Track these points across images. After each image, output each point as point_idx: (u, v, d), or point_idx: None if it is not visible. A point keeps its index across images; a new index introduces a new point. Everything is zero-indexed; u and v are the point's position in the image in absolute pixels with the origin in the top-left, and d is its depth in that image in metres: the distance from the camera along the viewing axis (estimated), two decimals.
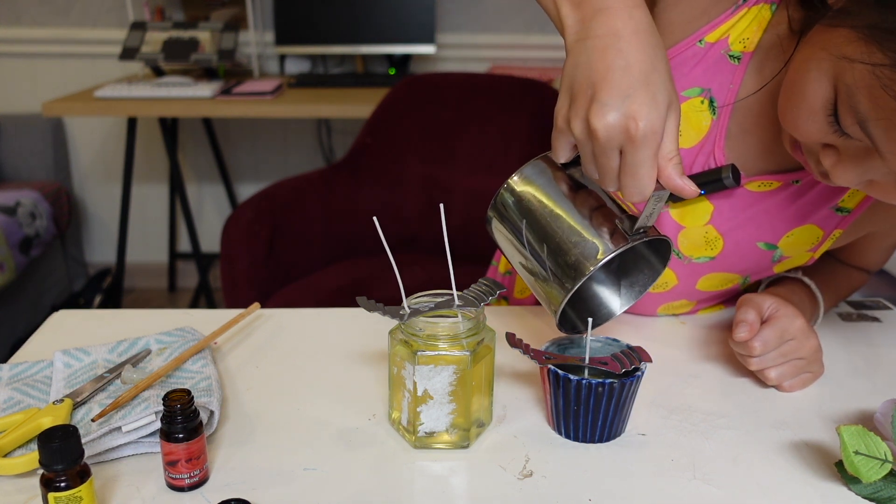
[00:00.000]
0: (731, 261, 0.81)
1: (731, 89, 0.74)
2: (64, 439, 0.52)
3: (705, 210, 0.79)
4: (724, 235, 0.79)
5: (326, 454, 0.63)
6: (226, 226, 1.74)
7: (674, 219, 0.81)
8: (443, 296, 0.66)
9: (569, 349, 0.70)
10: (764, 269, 0.83)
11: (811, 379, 0.75)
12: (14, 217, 2.31)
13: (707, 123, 0.75)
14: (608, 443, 0.66)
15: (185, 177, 2.93)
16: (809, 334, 0.74)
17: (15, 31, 2.74)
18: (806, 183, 0.76)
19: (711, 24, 0.73)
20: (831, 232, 0.78)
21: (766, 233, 0.78)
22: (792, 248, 0.80)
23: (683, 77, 0.75)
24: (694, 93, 0.75)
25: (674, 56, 0.74)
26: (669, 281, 0.85)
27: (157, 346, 0.76)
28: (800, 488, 0.60)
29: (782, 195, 0.77)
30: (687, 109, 0.75)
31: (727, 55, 0.74)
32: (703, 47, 0.74)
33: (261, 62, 2.75)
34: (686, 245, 0.82)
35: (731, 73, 0.74)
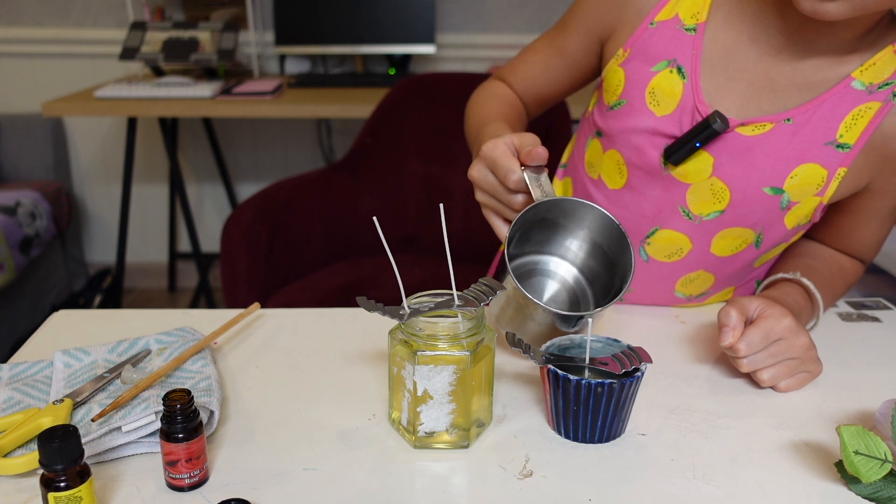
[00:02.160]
0: (740, 212, 0.82)
1: (695, 55, 0.82)
2: (64, 439, 0.52)
3: (706, 163, 0.82)
4: (730, 185, 0.81)
5: (326, 454, 0.63)
6: (226, 226, 1.74)
7: (678, 179, 0.84)
8: (443, 296, 0.66)
9: (569, 349, 0.70)
10: (774, 219, 0.83)
11: (808, 378, 0.75)
12: (14, 217, 2.31)
13: (679, 88, 0.82)
14: (608, 443, 0.66)
15: (185, 177, 2.93)
16: (798, 333, 0.73)
17: (15, 31, 2.74)
18: (798, 121, 0.79)
19: (657, 7, 0.85)
20: (835, 171, 0.79)
21: (769, 176, 0.80)
22: (798, 191, 0.80)
23: (648, 56, 0.84)
24: (662, 66, 0.84)
25: (633, 44, 0.85)
26: (683, 247, 0.87)
27: (157, 346, 0.76)
28: (800, 488, 0.60)
29: (778, 135, 0.79)
30: (660, 81, 0.83)
31: (682, 29, 0.83)
32: (656, 27, 0.84)
33: (261, 62, 2.75)
34: (694, 202, 0.84)
35: (691, 42, 0.83)
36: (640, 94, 0.85)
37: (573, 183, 0.99)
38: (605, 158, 0.90)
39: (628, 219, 0.89)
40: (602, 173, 0.91)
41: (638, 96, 0.85)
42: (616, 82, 0.87)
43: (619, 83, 0.87)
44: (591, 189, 0.93)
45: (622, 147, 0.87)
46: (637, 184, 0.88)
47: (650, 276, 0.91)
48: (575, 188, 0.98)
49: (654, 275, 0.91)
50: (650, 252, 0.90)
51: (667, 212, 0.87)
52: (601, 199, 0.92)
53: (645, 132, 0.85)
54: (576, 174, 0.98)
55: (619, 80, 0.87)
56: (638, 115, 0.85)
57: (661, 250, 0.89)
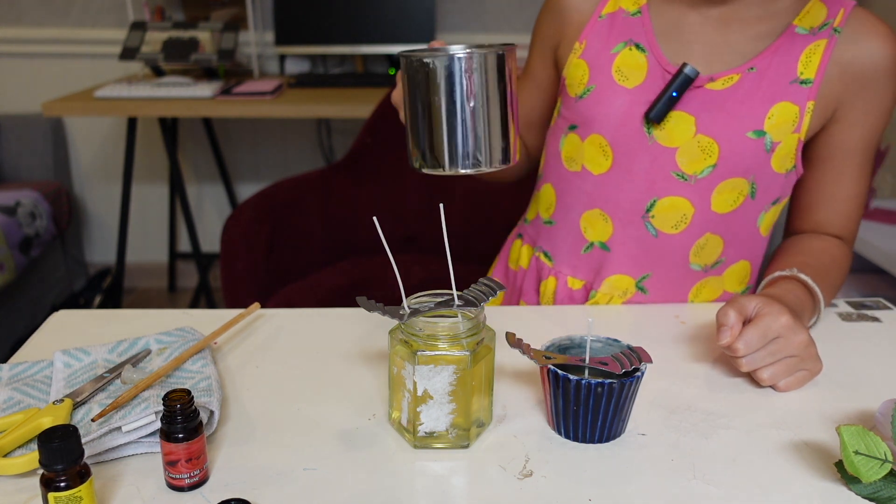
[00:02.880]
0: (731, 162, 0.87)
1: (647, 30, 0.90)
2: (64, 439, 0.52)
3: (689, 123, 0.87)
4: (715, 137, 0.86)
5: (326, 454, 0.64)
6: (226, 226, 1.74)
7: (664, 145, 0.88)
8: (443, 296, 0.66)
9: (569, 349, 0.70)
10: (763, 164, 0.87)
11: (808, 377, 0.75)
12: (14, 217, 2.31)
13: (643, 60, 0.89)
14: (608, 443, 0.66)
15: (185, 177, 2.93)
16: (797, 330, 0.73)
17: (15, 31, 2.74)
18: (761, 67, 0.86)
19: (602, 2, 0.93)
20: (805, 105, 0.85)
21: (748, 121, 0.85)
22: (778, 131, 0.86)
23: (605, 44, 0.91)
24: (620, 47, 0.91)
25: (588, 35, 0.93)
26: (686, 212, 0.90)
27: (157, 346, 0.76)
28: (800, 488, 0.60)
29: (746, 84, 0.86)
30: (623, 59, 0.90)
31: (627, 16, 0.92)
32: (604, 18, 0.92)
33: (261, 62, 2.75)
34: (685, 163, 0.88)
35: (640, 22, 0.91)
36: (606, 75, 0.90)
37: (555, 186, 1.00)
38: (587, 146, 0.92)
39: (620, 198, 0.92)
40: (585, 162, 0.93)
41: (605, 78, 0.90)
42: (580, 73, 0.92)
43: (584, 72, 0.92)
44: (576, 182, 0.95)
45: (602, 128, 0.90)
46: (624, 160, 0.90)
47: (664, 252, 0.93)
48: (558, 191, 0.99)
49: (666, 249, 0.93)
50: (657, 225, 0.91)
51: (661, 180, 0.89)
52: (589, 188, 0.94)
53: (622, 107, 0.89)
54: (555, 175, 0.99)
55: (583, 69, 0.92)
56: (610, 95, 0.90)
57: (667, 220, 0.91)
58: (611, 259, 0.95)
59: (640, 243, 0.93)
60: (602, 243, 0.95)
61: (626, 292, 0.96)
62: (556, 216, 0.99)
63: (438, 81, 0.70)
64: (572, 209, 0.97)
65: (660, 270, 0.94)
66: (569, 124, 0.95)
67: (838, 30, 0.85)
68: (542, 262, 1.02)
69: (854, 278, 2.06)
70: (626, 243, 0.94)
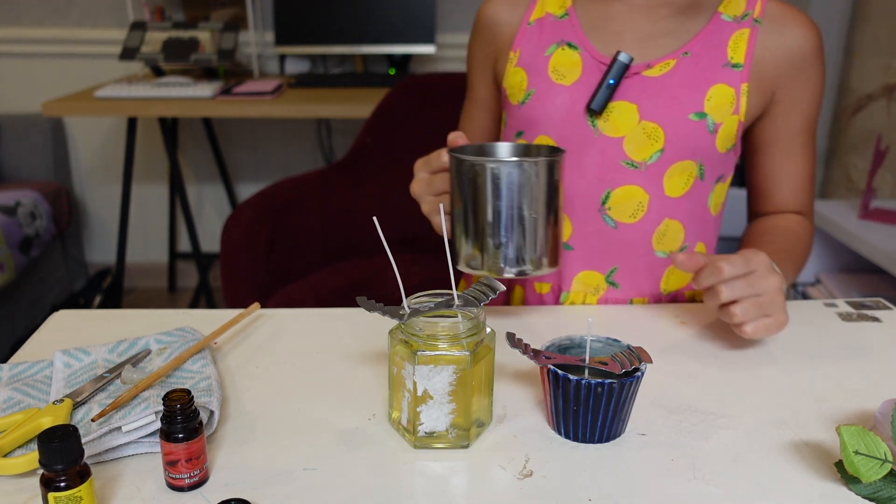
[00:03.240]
0: (677, 145, 0.89)
1: (577, 29, 0.93)
2: (64, 439, 0.52)
3: (631, 111, 0.89)
4: (659, 122, 0.89)
5: (326, 454, 0.64)
6: (226, 226, 1.74)
7: (611, 136, 0.90)
8: (443, 296, 0.66)
9: (569, 349, 0.70)
10: (708, 145, 0.90)
11: (773, 325, 0.76)
12: (14, 217, 2.31)
13: (577, 57, 0.92)
14: (608, 443, 0.66)
15: (185, 177, 2.93)
16: (774, 272, 0.77)
17: (15, 31, 2.74)
18: (695, 52, 0.89)
19: (528, 10, 0.96)
20: (739, 87, 0.89)
21: (689, 104, 0.88)
22: (718, 112, 0.89)
23: (538, 48, 0.94)
24: (553, 48, 0.93)
25: (520, 43, 0.95)
26: (641, 199, 0.92)
27: (157, 346, 0.77)
28: (800, 488, 0.60)
29: (683, 68, 0.89)
30: (557, 59, 0.92)
31: (555, 19, 0.94)
32: (533, 25, 0.95)
33: (261, 62, 2.75)
34: (633, 150, 0.90)
35: (569, 23, 0.94)
36: (544, 77, 0.92)
37: None
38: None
39: (574, 195, 0.93)
40: None
41: (543, 80, 0.92)
42: (519, 80, 0.95)
43: (522, 78, 0.94)
44: None
45: (548, 128, 0.92)
46: (573, 157, 0.92)
47: (626, 242, 0.94)
48: None
49: (628, 239, 0.94)
50: (614, 216, 0.93)
51: (612, 171, 0.91)
52: None
53: (563, 104, 0.91)
54: None
55: (521, 76, 0.94)
56: (550, 94, 0.92)
57: (624, 211, 0.93)
58: (575, 257, 0.96)
59: (601, 237, 0.94)
60: (564, 243, 0.96)
61: (598, 289, 0.97)
62: None
63: (500, 187, 0.73)
64: None
65: (626, 262, 0.95)
66: (515, 132, 0.97)
67: (758, 20, 0.90)
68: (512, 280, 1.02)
69: (854, 278, 2.06)
70: (587, 239, 0.95)
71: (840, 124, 2.62)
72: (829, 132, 2.68)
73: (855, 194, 2.50)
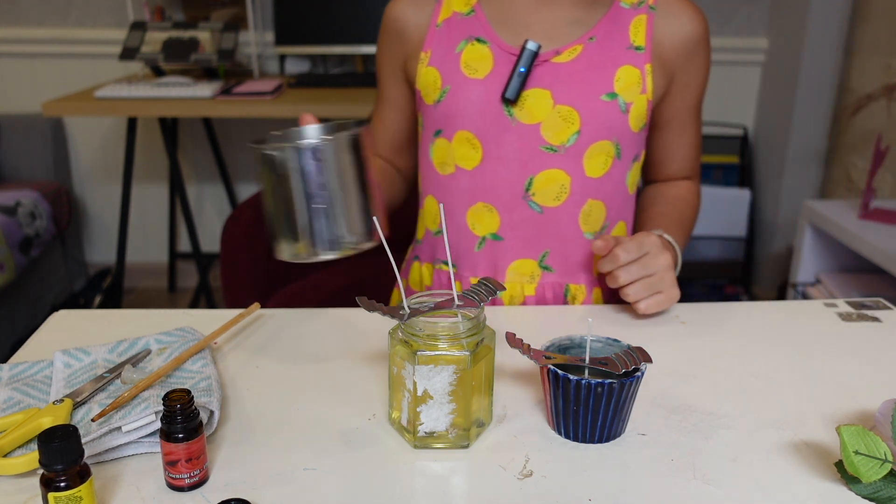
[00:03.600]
0: (593, 126, 0.92)
1: (483, 24, 0.95)
2: (64, 439, 0.52)
3: (545, 97, 0.92)
4: (573, 104, 0.92)
5: (326, 454, 0.64)
6: (226, 226, 1.74)
7: (528, 123, 0.92)
8: (443, 296, 0.66)
9: (569, 349, 0.70)
10: (623, 124, 0.93)
11: (664, 301, 0.87)
12: (14, 217, 2.31)
13: (487, 51, 0.94)
14: (608, 443, 0.66)
15: (185, 177, 2.93)
16: (663, 251, 0.86)
17: (15, 31, 2.74)
18: (600, 37, 0.93)
19: (435, 13, 0.98)
20: (644, 67, 0.93)
21: (599, 85, 0.92)
22: (627, 92, 0.92)
23: (448, 47, 0.95)
24: (463, 45, 0.95)
25: (430, 44, 0.97)
26: (564, 182, 0.94)
27: (157, 346, 0.77)
28: (800, 488, 0.60)
29: (590, 53, 0.92)
30: (468, 54, 0.94)
31: (462, 17, 0.96)
32: (441, 26, 0.97)
33: (261, 62, 2.75)
34: (551, 134, 0.92)
35: (476, 19, 0.95)
36: (457, 74, 0.94)
37: (435, 195, 1.02)
38: (455, 146, 0.96)
39: (498, 185, 0.95)
40: (457, 161, 0.96)
41: (457, 76, 0.94)
42: (432, 79, 0.96)
43: (436, 77, 0.96)
44: (453, 183, 0.98)
45: (466, 123, 0.94)
46: (493, 148, 0.94)
47: (554, 226, 0.96)
48: (439, 199, 1.01)
49: (555, 222, 0.96)
50: (539, 201, 0.95)
51: (532, 157, 0.93)
52: (466, 185, 0.97)
53: (479, 97, 0.93)
54: (433, 185, 1.01)
55: (434, 75, 0.96)
56: (466, 89, 0.93)
57: (548, 195, 0.95)
58: (506, 247, 0.97)
59: (530, 223, 0.96)
60: (493, 234, 0.97)
61: (533, 276, 0.98)
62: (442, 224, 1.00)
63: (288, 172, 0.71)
64: (456, 211, 0.98)
65: (556, 245, 0.97)
66: (434, 131, 0.98)
67: (653, 7, 0.95)
68: (444, 273, 1.03)
69: (854, 278, 2.06)
70: (515, 228, 0.96)
71: (840, 124, 2.62)
72: (829, 132, 2.68)
73: (855, 194, 2.50)
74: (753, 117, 2.90)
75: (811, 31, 2.53)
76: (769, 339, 0.85)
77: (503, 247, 0.97)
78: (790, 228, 2.70)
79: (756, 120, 2.89)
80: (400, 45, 1.01)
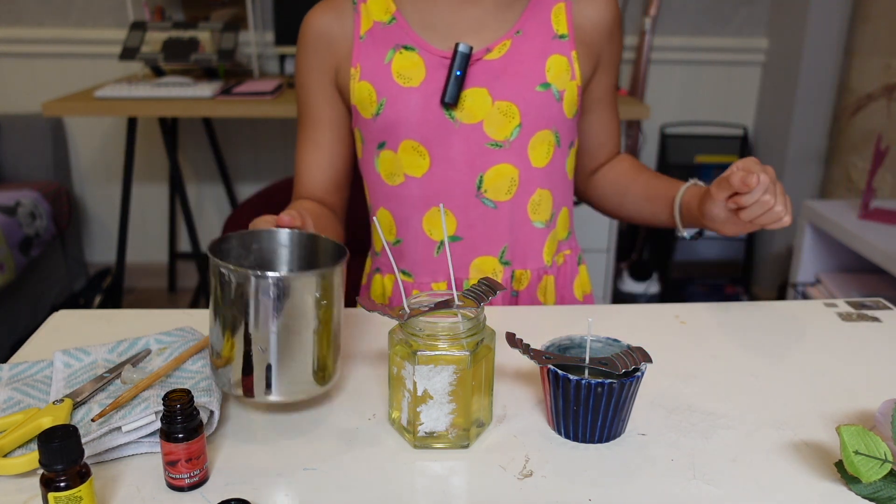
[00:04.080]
0: (532, 118, 0.94)
1: (407, 31, 0.94)
2: (64, 439, 0.52)
3: (483, 95, 0.92)
4: (511, 99, 0.92)
5: (326, 454, 0.64)
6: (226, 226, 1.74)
7: (470, 123, 0.93)
8: (443, 296, 0.66)
9: (569, 349, 0.70)
10: (558, 112, 0.95)
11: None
12: (14, 217, 2.31)
13: (417, 58, 0.93)
14: (608, 443, 0.66)
15: (185, 177, 2.93)
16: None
17: (15, 31, 2.74)
18: (525, 29, 0.94)
19: (356, 25, 0.95)
20: (570, 55, 0.95)
21: (532, 77, 0.93)
22: (559, 80, 0.94)
23: (377, 59, 0.94)
24: (391, 55, 0.93)
25: (358, 58, 0.94)
26: (513, 175, 0.95)
27: (157, 346, 0.77)
28: (800, 488, 0.60)
29: (519, 47, 0.93)
30: (397, 63, 0.93)
31: (384, 26, 0.95)
32: (365, 39, 0.95)
33: (261, 62, 2.75)
34: (494, 130, 0.93)
35: (397, 27, 0.94)
36: (391, 85, 0.93)
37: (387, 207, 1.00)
38: (400, 155, 0.95)
39: (451, 188, 0.95)
40: (405, 170, 0.96)
41: (390, 88, 0.93)
42: (366, 93, 0.94)
43: (370, 91, 0.94)
44: (404, 193, 0.97)
45: (409, 132, 0.93)
46: (440, 152, 0.94)
47: (507, 219, 0.97)
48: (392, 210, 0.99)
49: (508, 215, 0.97)
50: (492, 197, 0.96)
51: (479, 155, 0.94)
52: (418, 193, 0.96)
53: (417, 105, 0.92)
54: (383, 198, 1.00)
55: (368, 89, 0.94)
56: (402, 99, 0.93)
57: (499, 190, 0.96)
58: (465, 247, 0.98)
59: (485, 220, 0.96)
60: (451, 236, 0.97)
61: (496, 272, 0.99)
62: (399, 233, 1.00)
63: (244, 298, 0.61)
64: (411, 219, 0.98)
65: (511, 239, 0.98)
66: (376, 144, 0.97)
67: None
68: (403, 283, 1.02)
69: (854, 278, 2.06)
70: (472, 226, 0.97)
71: (840, 124, 2.62)
72: (830, 132, 2.68)
73: (855, 194, 2.50)
74: (753, 117, 2.90)
75: (811, 31, 2.53)
76: (769, 339, 0.85)
77: (462, 246, 0.97)
78: (790, 228, 2.70)
79: (756, 120, 2.89)
80: (329, 58, 0.96)
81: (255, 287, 0.61)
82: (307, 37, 0.97)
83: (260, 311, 0.61)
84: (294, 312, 0.62)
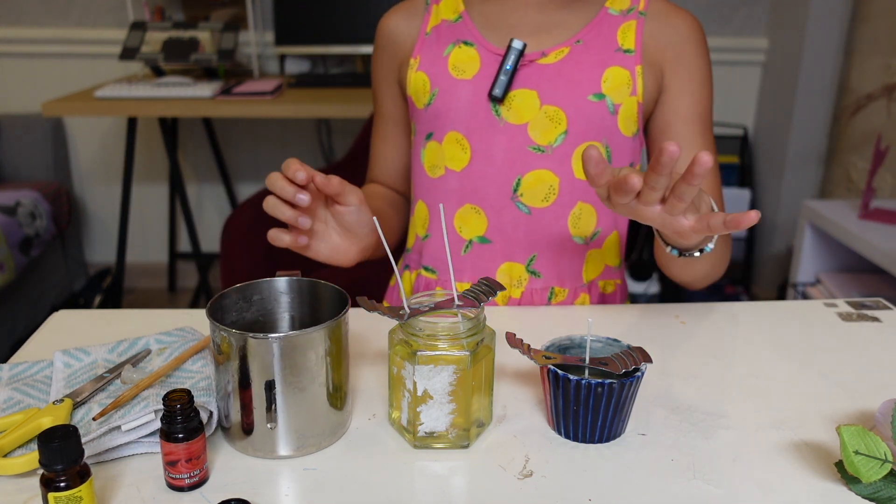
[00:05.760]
0: (580, 127, 0.92)
1: (471, 28, 0.96)
2: (64, 439, 0.52)
3: (532, 97, 0.92)
4: (560, 105, 0.91)
5: (326, 454, 0.63)
6: (226, 226, 1.74)
7: (515, 123, 0.92)
8: (443, 296, 0.66)
9: (569, 349, 0.70)
10: (611, 125, 0.92)
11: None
12: (14, 217, 2.31)
13: (474, 52, 0.94)
14: (608, 443, 0.66)
15: (185, 177, 2.93)
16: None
17: (15, 31, 2.74)
18: (587, 40, 0.93)
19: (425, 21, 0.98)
20: (634, 69, 0.92)
21: (587, 86, 0.91)
22: (616, 93, 0.91)
23: (437, 51, 0.96)
24: (451, 48, 0.95)
25: (420, 51, 0.97)
26: (552, 183, 0.94)
27: (157, 346, 0.77)
28: (800, 488, 0.60)
29: (577, 55, 0.92)
30: (456, 56, 0.95)
31: (450, 23, 0.97)
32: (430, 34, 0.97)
33: (261, 62, 2.75)
34: (538, 135, 0.93)
35: (463, 25, 0.96)
36: (446, 76, 0.95)
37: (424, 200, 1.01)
38: (445, 147, 0.96)
39: (488, 185, 0.95)
40: (446, 163, 0.96)
41: (445, 78, 0.95)
42: (421, 83, 0.96)
43: (425, 82, 0.96)
44: (442, 186, 0.97)
45: (455, 124, 0.94)
46: (481, 147, 0.94)
47: (542, 228, 0.95)
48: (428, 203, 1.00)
49: (543, 224, 0.95)
50: (527, 202, 0.95)
51: (520, 157, 0.93)
52: (455, 186, 0.96)
53: (467, 97, 0.93)
54: (423, 190, 1.01)
55: (423, 79, 0.96)
56: (454, 91, 0.94)
57: (536, 195, 0.94)
58: (493, 250, 0.97)
59: (517, 225, 0.95)
60: (481, 237, 0.97)
61: (521, 280, 0.97)
62: (430, 228, 1.00)
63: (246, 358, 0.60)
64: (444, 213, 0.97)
65: (544, 249, 0.96)
66: (425, 135, 0.98)
67: (644, 13, 0.94)
68: (425, 278, 1.02)
69: (854, 278, 2.06)
70: (503, 230, 0.96)
71: (840, 124, 2.62)
72: (830, 132, 2.68)
73: (855, 194, 2.50)
74: (753, 117, 2.90)
75: (811, 31, 2.53)
76: (769, 339, 0.85)
77: (492, 249, 0.97)
78: (790, 228, 2.70)
79: (756, 120, 2.89)
80: (393, 55, 1.01)
81: (255, 348, 0.60)
82: (379, 37, 1.03)
83: (263, 370, 0.61)
84: (297, 369, 0.61)
